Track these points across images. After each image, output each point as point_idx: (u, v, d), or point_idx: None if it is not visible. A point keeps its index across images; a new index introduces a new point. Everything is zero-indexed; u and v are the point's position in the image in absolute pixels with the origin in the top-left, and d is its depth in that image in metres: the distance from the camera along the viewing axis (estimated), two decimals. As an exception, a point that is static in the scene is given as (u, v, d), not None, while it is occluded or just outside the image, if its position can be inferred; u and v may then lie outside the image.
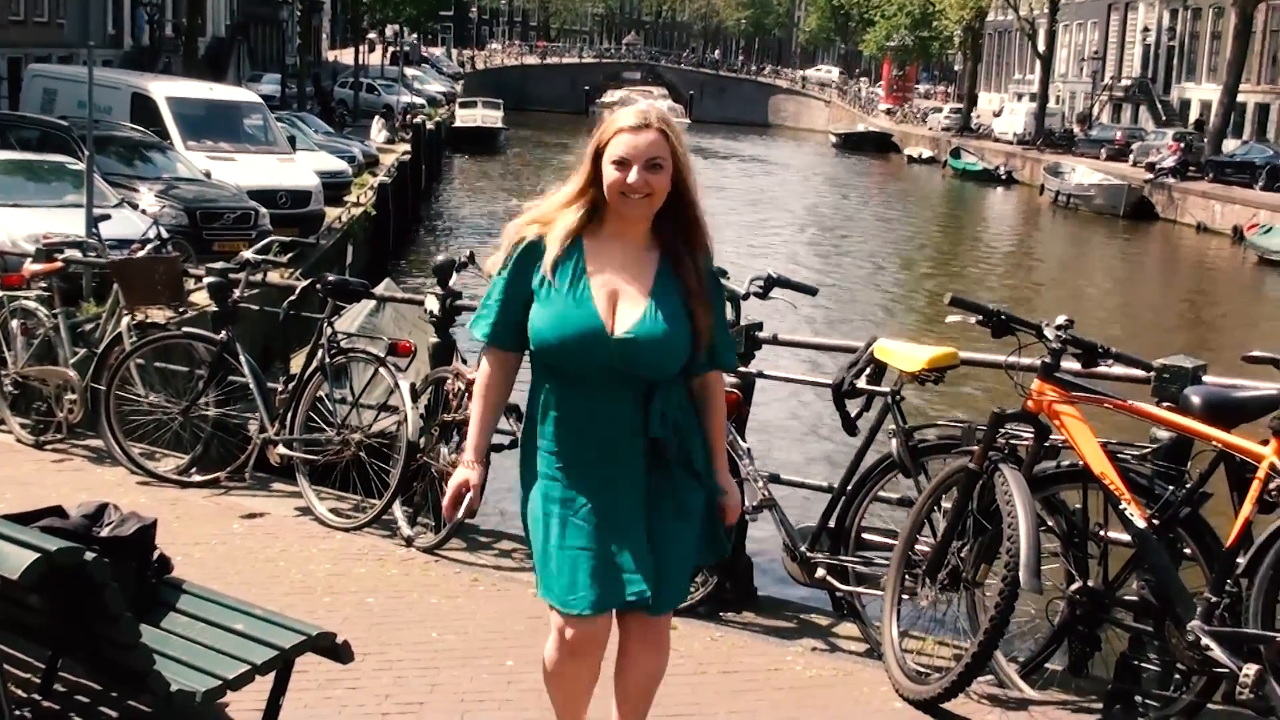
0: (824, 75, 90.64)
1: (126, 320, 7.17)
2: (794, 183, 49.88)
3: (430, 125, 42.99)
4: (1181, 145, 40.22)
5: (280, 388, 6.67)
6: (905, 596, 4.51)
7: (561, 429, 3.13)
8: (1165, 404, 4.28)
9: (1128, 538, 4.13)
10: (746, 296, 5.44)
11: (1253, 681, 3.77)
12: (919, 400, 8.78)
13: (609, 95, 66.10)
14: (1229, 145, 41.00)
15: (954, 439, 4.68)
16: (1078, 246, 36.25)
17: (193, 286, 8.13)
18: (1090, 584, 4.25)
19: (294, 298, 6.86)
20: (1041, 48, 56.04)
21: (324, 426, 6.46)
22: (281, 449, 6.51)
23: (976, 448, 4.33)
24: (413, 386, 6.09)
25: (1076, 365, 4.40)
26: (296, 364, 7.05)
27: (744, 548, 5.42)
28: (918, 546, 4.57)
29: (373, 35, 64.27)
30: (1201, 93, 50.69)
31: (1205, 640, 3.90)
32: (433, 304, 6.39)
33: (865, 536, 5.01)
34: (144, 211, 15.61)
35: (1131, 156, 43.81)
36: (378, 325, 11.05)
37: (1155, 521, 4.06)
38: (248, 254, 7.33)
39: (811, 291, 5.76)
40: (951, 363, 4.77)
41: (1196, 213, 36.44)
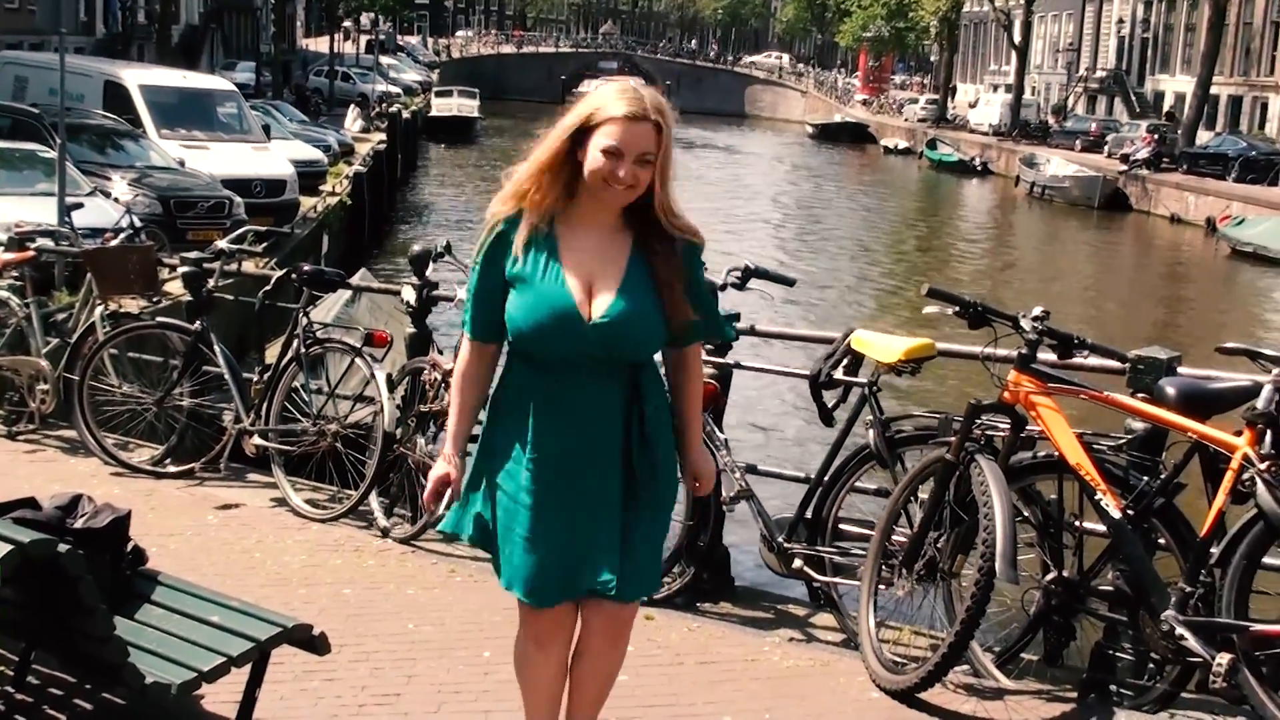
0: (772, 62, 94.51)
1: (100, 310, 7.11)
2: (771, 173, 49.90)
3: (406, 114, 42.88)
4: (1155, 137, 40.40)
5: (255, 378, 6.63)
6: (882, 587, 4.52)
7: (537, 416, 3.09)
8: (1140, 395, 4.30)
9: (1103, 528, 4.15)
10: (724, 287, 5.42)
11: (1226, 670, 3.80)
12: (896, 391, 8.81)
13: (585, 85, 66.06)
14: (1202, 137, 41.25)
15: (931, 430, 4.70)
16: (1052, 238, 36.40)
17: (167, 276, 8.07)
18: (1066, 574, 4.27)
19: (269, 288, 6.82)
20: (1017, 39, 56.19)
21: (299, 417, 6.43)
22: (257, 440, 6.48)
23: (953, 439, 4.35)
24: (389, 377, 6.06)
25: (1053, 356, 4.41)
26: (272, 354, 7.02)
27: (721, 538, 5.43)
28: (894, 537, 4.58)
29: (348, 23, 63.83)
30: (1175, 85, 50.96)
31: (1179, 630, 3.93)
32: (409, 294, 6.36)
33: (842, 527, 5.03)
34: (117, 200, 15.52)
35: (1106, 148, 43.98)
36: (353, 315, 11.02)
37: (1130, 512, 4.08)
38: (222, 243, 7.29)
39: (789, 282, 5.77)
40: (928, 354, 4.77)
41: (1170, 204, 36.64)
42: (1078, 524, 4.31)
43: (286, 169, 20.49)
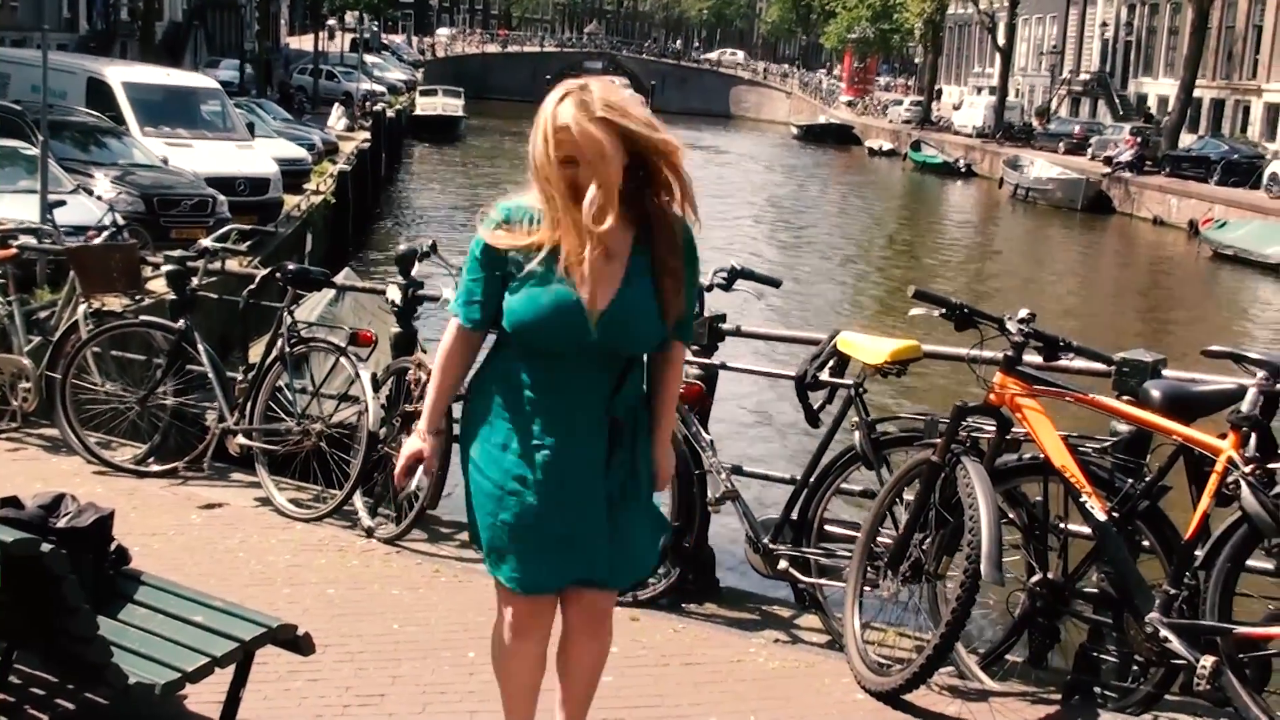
0: (730, 58, 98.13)
1: (83, 308, 7.08)
2: (756, 174, 49.93)
3: (390, 113, 42.78)
4: (1138, 140, 40.61)
5: (239, 377, 6.61)
6: (867, 588, 4.53)
7: (528, 405, 3.09)
8: (1125, 398, 4.31)
9: (1088, 530, 4.16)
10: (710, 288, 5.43)
11: (1209, 673, 3.81)
12: (882, 393, 8.82)
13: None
14: (1185, 140, 41.44)
15: (916, 432, 4.70)
16: (1036, 240, 36.52)
17: (150, 274, 8.04)
18: (1050, 576, 4.27)
19: (254, 286, 6.80)
20: (1001, 41, 56.39)
21: (284, 416, 6.41)
22: (240, 439, 6.46)
23: (939, 440, 4.35)
24: (374, 377, 6.05)
25: (1038, 359, 4.42)
26: (256, 353, 6.99)
27: (707, 539, 5.42)
28: (880, 539, 4.58)
29: (333, 21, 63.70)
30: (1158, 88, 51.20)
31: (1163, 632, 3.94)
32: (395, 294, 6.35)
33: (828, 528, 5.03)
34: (100, 198, 15.44)
35: (1089, 151, 44.19)
36: (337, 315, 10.98)
37: (1115, 514, 4.09)
38: (206, 242, 7.26)
39: (775, 283, 5.78)
40: (914, 355, 4.78)
41: (1153, 207, 36.80)
42: (1063, 526, 4.32)
43: (270, 167, 20.42)
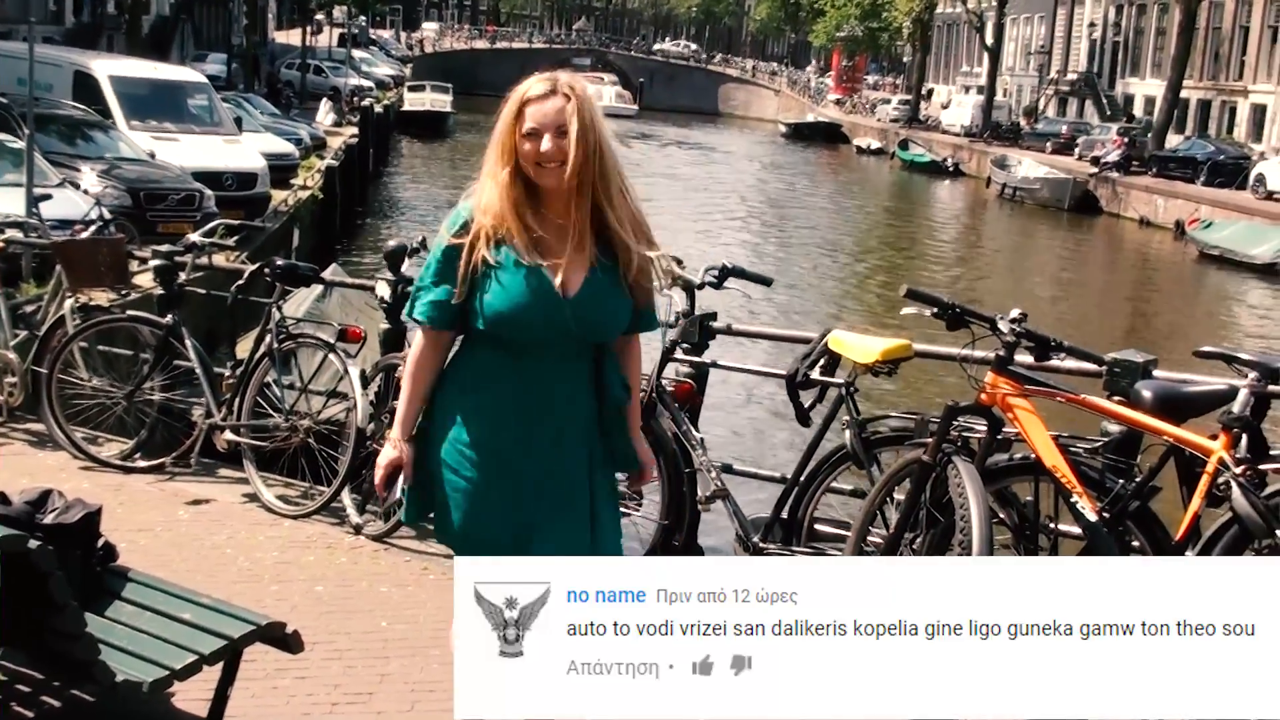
0: (681, 49, 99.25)
1: (69, 302, 7.04)
2: (744, 171, 49.95)
3: (378, 108, 42.68)
4: (1125, 140, 40.70)
5: (227, 373, 6.58)
6: (857, 587, 4.52)
7: (503, 400, 3.10)
8: (1116, 398, 4.31)
9: (1078, 530, 4.17)
10: (701, 286, 5.42)
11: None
12: (873, 392, 8.82)
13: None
14: (1172, 140, 41.57)
15: (907, 431, 4.70)
16: (1024, 239, 36.59)
17: (137, 269, 7.99)
18: (1041, 576, 4.28)
19: (242, 282, 6.77)
20: (989, 41, 56.49)
21: (271, 412, 6.38)
22: (228, 435, 6.43)
23: (930, 440, 4.34)
24: (363, 373, 6.03)
25: (1030, 359, 4.43)
26: (243, 349, 6.96)
27: (696, 538, 5.42)
28: (870, 538, 4.58)
29: (320, 16, 63.46)
30: (1146, 88, 51.34)
31: (1153, 632, 3.94)
32: (384, 290, 6.33)
33: (818, 528, 5.03)
34: (86, 192, 15.36)
35: (1077, 150, 44.26)
36: (325, 310, 10.96)
37: (1105, 514, 4.09)
38: (194, 236, 7.22)
39: (766, 282, 5.78)
40: (905, 355, 4.78)
41: (1139, 207, 36.89)
42: (1053, 526, 4.33)
43: (258, 162, 20.34)
